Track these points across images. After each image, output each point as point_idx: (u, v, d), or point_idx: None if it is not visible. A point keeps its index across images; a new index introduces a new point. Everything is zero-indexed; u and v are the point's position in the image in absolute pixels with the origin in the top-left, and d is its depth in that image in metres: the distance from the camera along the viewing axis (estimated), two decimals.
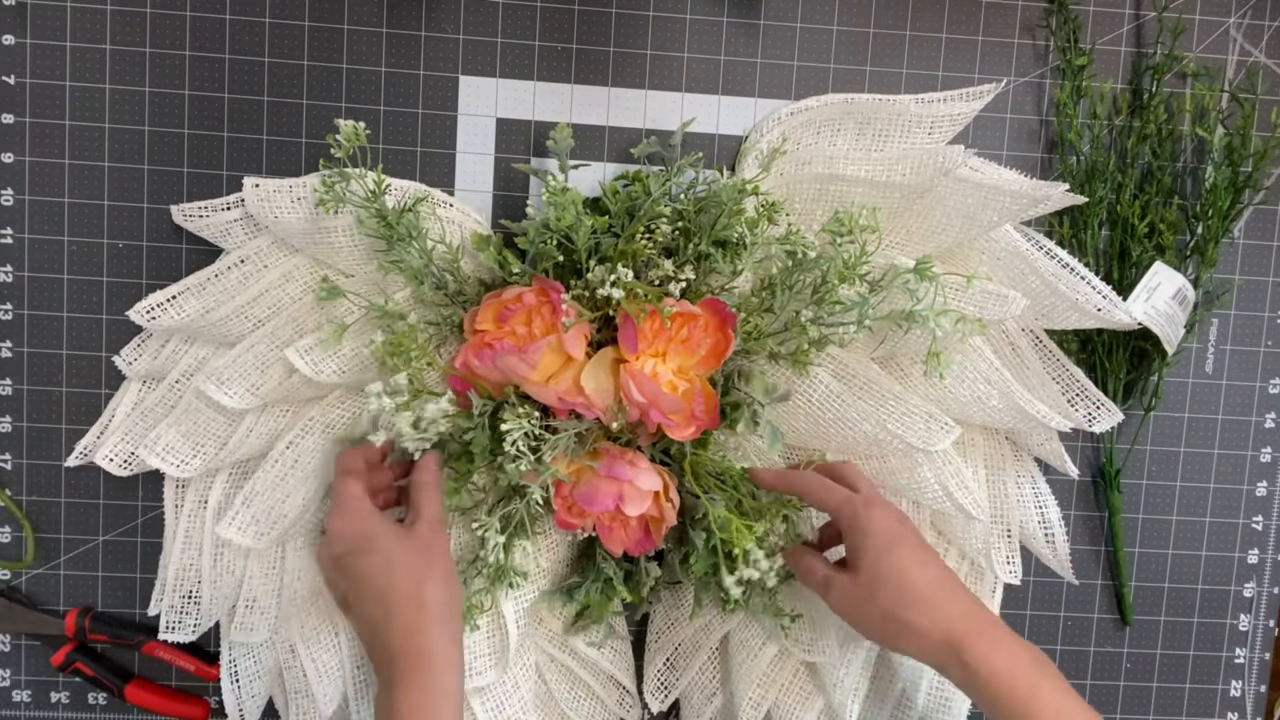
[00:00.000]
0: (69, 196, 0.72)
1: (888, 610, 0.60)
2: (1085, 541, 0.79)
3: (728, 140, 0.74)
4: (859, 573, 0.62)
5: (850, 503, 0.63)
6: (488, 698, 0.72)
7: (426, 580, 0.61)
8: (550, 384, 0.65)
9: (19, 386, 0.73)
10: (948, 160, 0.66)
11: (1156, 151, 0.75)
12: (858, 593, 0.62)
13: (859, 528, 0.62)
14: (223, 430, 0.70)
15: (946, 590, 0.60)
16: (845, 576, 0.63)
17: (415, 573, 0.61)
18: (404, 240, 0.66)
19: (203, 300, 0.70)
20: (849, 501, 0.63)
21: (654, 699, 0.77)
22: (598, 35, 0.73)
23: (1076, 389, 0.73)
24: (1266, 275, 0.78)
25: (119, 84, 0.71)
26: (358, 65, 0.72)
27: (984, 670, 0.57)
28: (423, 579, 0.61)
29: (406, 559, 0.62)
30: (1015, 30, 0.75)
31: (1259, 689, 0.82)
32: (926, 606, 0.60)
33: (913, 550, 0.62)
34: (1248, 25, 0.76)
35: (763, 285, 0.68)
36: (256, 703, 0.74)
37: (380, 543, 0.62)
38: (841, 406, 0.69)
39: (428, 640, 0.59)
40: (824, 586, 0.64)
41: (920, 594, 0.60)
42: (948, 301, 0.67)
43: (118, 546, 0.75)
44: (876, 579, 0.61)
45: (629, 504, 0.66)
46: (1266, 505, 0.80)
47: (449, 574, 0.63)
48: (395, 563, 0.61)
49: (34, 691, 0.76)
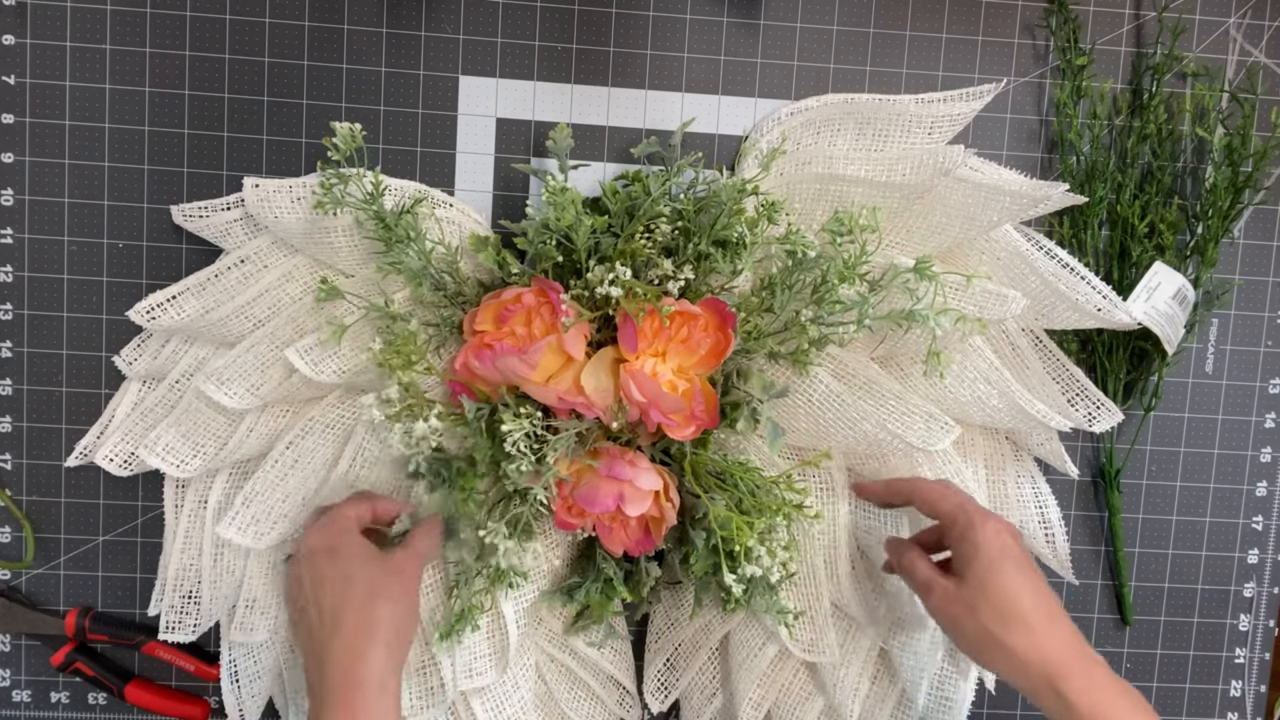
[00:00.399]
0: (69, 196, 0.72)
1: (987, 627, 0.59)
2: (1085, 541, 0.79)
3: (728, 140, 0.74)
4: (964, 584, 0.61)
5: (965, 511, 0.62)
6: (488, 698, 0.72)
7: (383, 601, 0.60)
8: (550, 384, 0.65)
9: (19, 386, 0.73)
10: (948, 160, 0.66)
11: (1156, 151, 0.75)
12: (960, 603, 0.61)
13: (971, 538, 0.61)
14: (223, 430, 0.70)
15: (1050, 617, 0.59)
16: (949, 584, 0.62)
17: (375, 591, 0.61)
18: (402, 242, 0.66)
19: (203, 300, 0.70)
20: (964, 510, 0.62)
21: (654, 699, 0.77)
22: (598, 35, 0.73)
23: (1076, 389, 0.73)
24: (1266, 275, 0.78)
25: (119, 84, 0.71)
26: (358, 65, 0.72)
27: (1080, 703, 0.56)
28: (380, 598, 0.60)
29: (370, 575, 0.61)
30: (1015, 30, 0.75)
31: (1259, 689, 0.82)
32: (1027, 631, 0.58)
33: (1020, 570, 0.60)
34: (1248, 25, 0.76)
35: (763, 285, 0.68)
36: (256, 703, 0.74)
37: (350, 554, 0.61)
38: (841, 406, 0.69)
39: (366, 666, 0.58)
40: (925, 588, 0.63)
41: (1023, 617, 0.59)
42: (948, 301, 0.67)
43: (118, 546, 0.75)
44: (981, 593, 0.60)
45: (629, 504, 0.66)
46: (1266, 505, 0.80)
47: (410, 604, 0.63)
48: (356, 577, 0.61)
49: (34, 691, 0.76)
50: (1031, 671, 0.58)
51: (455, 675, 0.70)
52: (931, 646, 0.73)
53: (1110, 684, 0.57)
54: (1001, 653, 0.59)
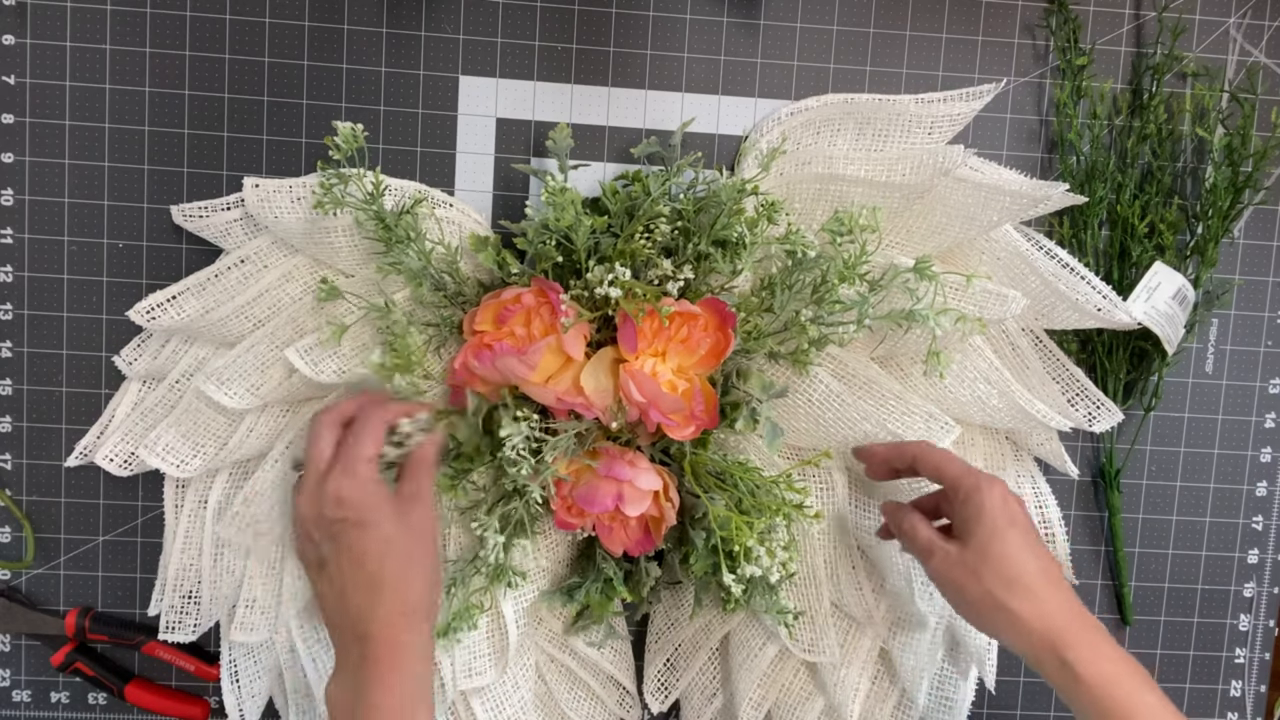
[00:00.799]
0: (69, 196, 0.72)
1: (990, 591, 0.59)
2: (1085, 541, 0.79)
3: (728, 140, 0.74)
4: (967, 548, 0.60)
5: (972, 474, 0.61)
6: (488, 698, 0.72)
7: (417, 570, 0.60)
8: (550, 384, 0.65)
9: (19, 386, 0.73)
10: (948, 160, 0.66)
11: (1156, 151, 0.75)
12: (962, 567, 0.60)
13: (976, 501, 0.60)
14: (223, 430, 0.71)
15: (1053, 583, 0.59)
16: (951, 547, 0.61)
17: (409, 560, 0.59)
18: (402, 242, 0.66)
19: (203, 300, 0.70)
20: (970, 473, 0.61)
21: (654, 699, 0.77)
22: (598, 35, 0.73)
23: (1076, 389, 0.73)
24: (1266, 275, 0.78)
25: (119, 84, 0.71)
26: (358, 65, 0.72)
27: (1086, 673, 0.56)
28: (414, 568, 0.60)
29: (403, 544, 0.59)
30: (1015, 30, 0.75)
31: (1259, 689, 0.82)
32: (1031, 596, 0.58)
33: (1025, 536, 0.60)
34: (1248, 25, 0.76)
35: (763, 285, 0.68)
36: (256, 703, 0.74)
37: (383, 522, 0.59)
38: (841, 406, 0.69)
39: (409, 633, 0.58)
40: (926, 552, 0.62)
41: (1027, 582, 0.58)
42: (948, 301, 0.67)
43: (118, 546, 0.75)
44: (984, 557, 0.59)
45: (629, 504, 0.66)
46: (1266, 505, 0.80)
47: (436, 563, 0.62)
48: (393, 547, 0.59)
49: (34, 691, 0.76)
50: (1034, 637, 0.57)
51: (455, 675, 0.70)
52: (931, 646, 0.73)
53: (1116, 655, 0.57)
54: (1004, 616, 0.58)
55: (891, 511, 0.66)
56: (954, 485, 0.62)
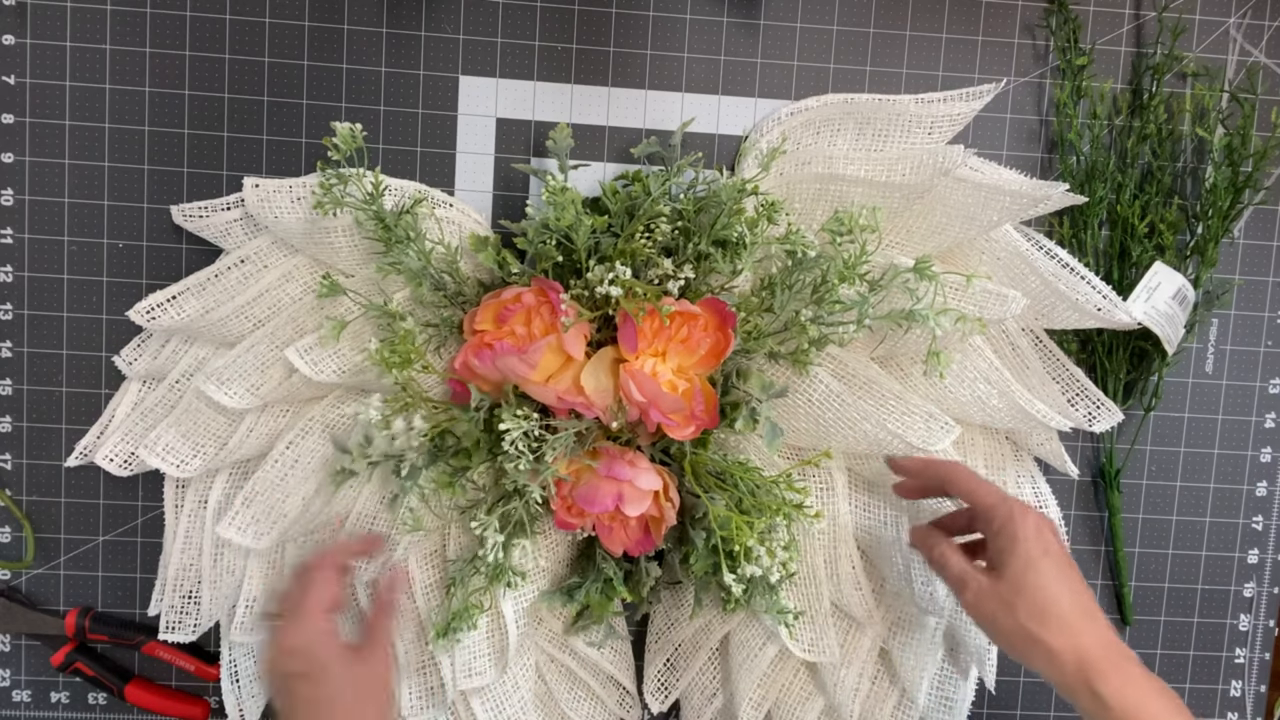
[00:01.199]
0: (69, 196, 0.72)
1: (1024, 625, 0.58)
2: (1085, 541, 0.79)
3: (728, 140, 0.74)
4: (1000, 580, 0.59)
5: (1006, 503, 0.61)
6: (488, 698, 0.72)
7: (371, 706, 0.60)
8: (550, 384, 0.65)
9: (19, 386, 0.73)
10: (948, 160, 0.66)
11: (1156, 151, 0.75)
12: (996, 599, 0.59)
13: (1009, 532, 0.60)
14: (223, 430, 0.71)
15: (1087, 615, 0.59)
16: (985, 580, 0.60)
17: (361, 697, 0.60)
18: (402, 242, 0.66)
19: (203, 300, 0.70)
20: (1005, 502, 0.61)
21: (654, 699, 0.77)
22: (598, 35, 0.73)
23: (1076, 389, 0.73)
24: (1266, 275, 0.78)
25: (119, 84, 0.71)
26: (358, 65, 0.72)
27: (1116, 704, 0.55)
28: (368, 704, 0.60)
29: (352, 696, 0.60)
30: (1015, 30, 0.75)
31: (1259, 689, 0.82)
32: (1065, 629, 0.58)
33: (1059, 566, 0.59)
34: (1248, 25, 0.76)
35: (763, 285, 0.68)
36: (256, 703, 0.74)
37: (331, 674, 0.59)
38: (841, 406, 0.69)
39: None
40: (959, 583, 0.62)
41: (1061, 615, 0.58)
42: (948, 301, 0.67)
43: (118, 546, 0.75)
44: (1019, 590, 0.59)
45: (629, 504, 0.66)
46: (1266, 505, 0.80)
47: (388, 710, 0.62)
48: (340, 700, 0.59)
49: (34, 691, 0.76)
50: (1068, 670, 0.57)
51: (455, 675, 0.70)
52: (931, 646, 0.73)
53: (1145, 682, 0.56)
54: (1039, 650, 0.58)
55: (921, 538, 0.66)
56: (988, 514, 0.61)
